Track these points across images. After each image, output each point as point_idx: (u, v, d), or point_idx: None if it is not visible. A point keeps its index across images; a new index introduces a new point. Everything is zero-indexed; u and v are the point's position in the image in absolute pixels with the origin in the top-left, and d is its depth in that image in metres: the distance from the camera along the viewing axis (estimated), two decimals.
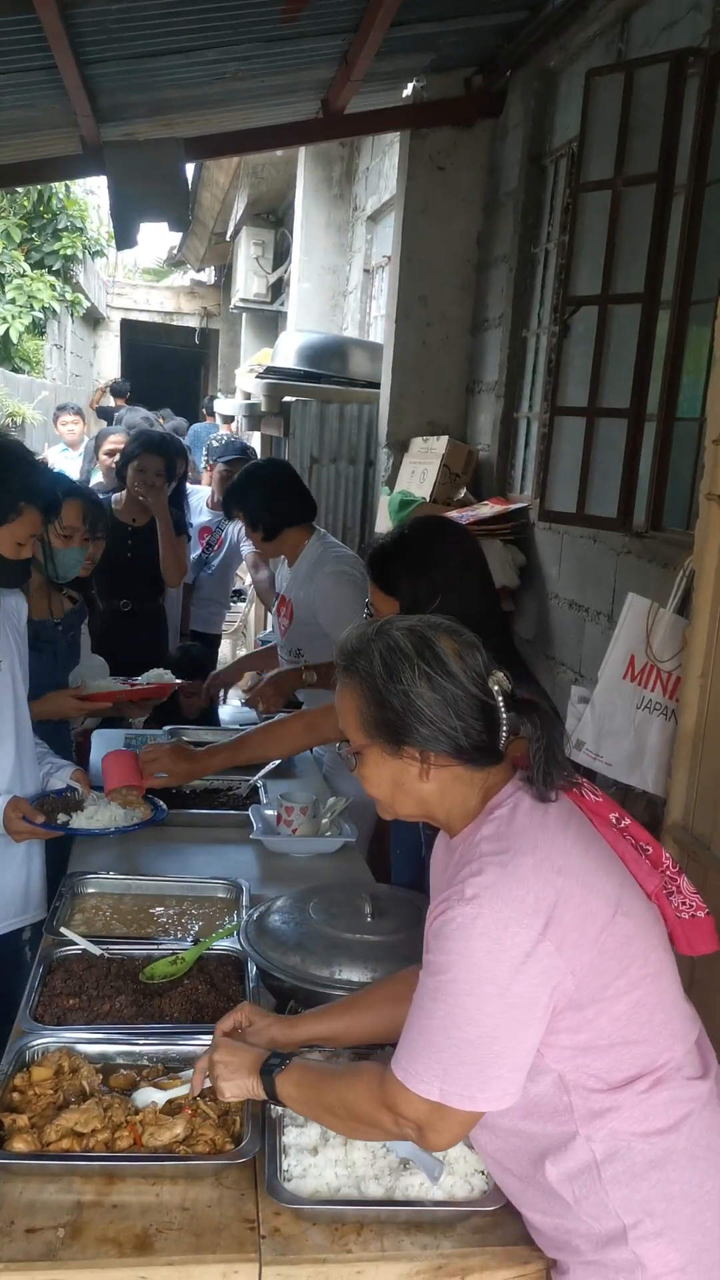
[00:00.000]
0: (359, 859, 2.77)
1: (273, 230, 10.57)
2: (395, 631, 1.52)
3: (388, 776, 1.52)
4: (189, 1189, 1.55)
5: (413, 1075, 1.39)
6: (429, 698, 1.46)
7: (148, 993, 1.99)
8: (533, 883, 1.37)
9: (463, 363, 5.09)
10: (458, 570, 2.11)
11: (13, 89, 4.05)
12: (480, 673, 1.49)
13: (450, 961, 1.37)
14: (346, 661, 1.54)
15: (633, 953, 1.43)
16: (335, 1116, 1.51)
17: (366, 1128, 1.48)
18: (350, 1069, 1.57)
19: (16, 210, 12.12)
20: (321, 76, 4.51)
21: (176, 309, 18.93)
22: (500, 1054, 1.37)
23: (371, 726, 1.50)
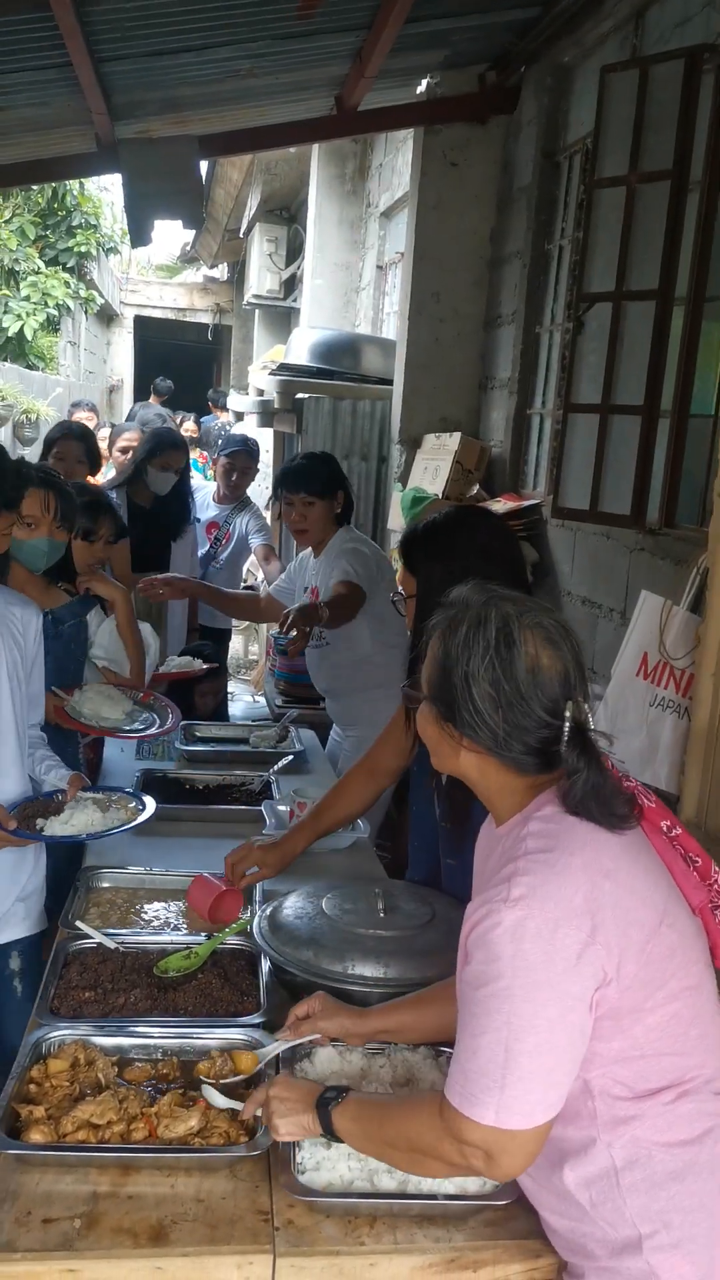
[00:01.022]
0: (371, 854, 2.78)
1: (285, 227, 10.57)
2: (494, 610, 1.45)
3: (432, 734, 1.51)
4: (204, 1181, 1.57)
5: (469, 1100, 1.33)
6: (485, 690, 1.41)
7: (162, 986, 2.01)
8: (581, 883, 1.33)
9: (475, 359, 5.09)
10: (479, 560, 2.11)
11: (27, 87, 4.07)
12: (554, 694, 1.41)
13: (501, 969, 1.31)
14: (445, 614, 1.49)
15: (675, 965, 1.39)
16: (397, 1150, 1.45)
17: (431, 1161, 1.41)
18: (410, 1099, 1.52)
19: (31, 207, 12.14)
20: (335, 73, 4.51)
21: (189, 305, 18.94)
22: (559, 1062, 1.33)
23: (431, 686, 1.48)
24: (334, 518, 3.53)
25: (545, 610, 1.48)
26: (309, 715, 4.04)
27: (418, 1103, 1.46)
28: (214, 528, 5.25)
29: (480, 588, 1.52)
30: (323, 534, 3.55)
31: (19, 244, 11.76)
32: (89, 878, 2.44)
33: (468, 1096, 1.33)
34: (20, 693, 2.47)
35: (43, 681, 2.61)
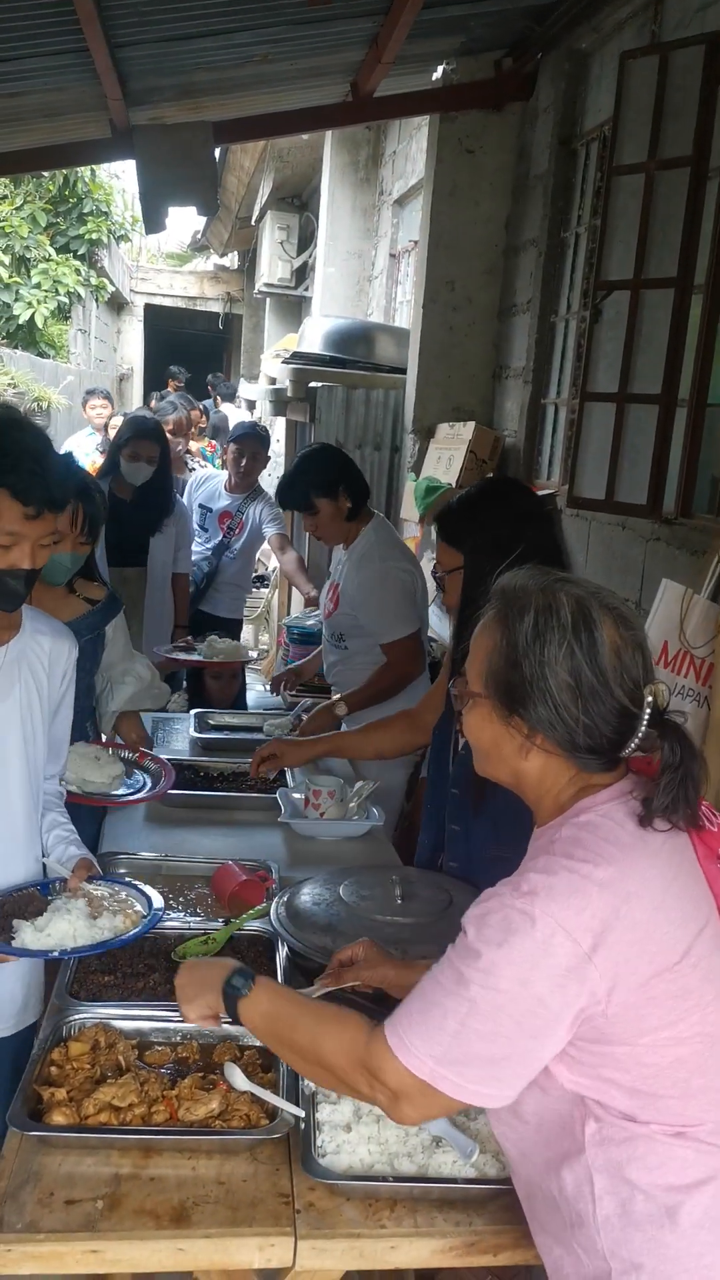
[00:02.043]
0: (385, 843, 2.79)
1: (297, 215, 10.54)
2: (562, 593, 1.35)
3: (489, 735, 1.40)
4: (224, 1163, 1.57)
5: (407, 1047, 1.30)
6: (563, 680, 1.31)
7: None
8: (596, 900, 1.25)
9: (490, 348, 5.07)
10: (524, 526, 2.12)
11: (44, 72, 4.06)
12: (636, 678, 1.32)
13: (484, 949, 1.27)
14: (501, 602, 1.39)
15: (688, 1006, 1.30)
16: (302, 1059, 1.43)
17: (334, 1081, 1.40)
18: (331, 1013, 1.45)
19: (42, 194, 12.13)
20: (351, 59, 4.50)
21: (200, 294, 18.92)
22: (508, 1056, 1.28)
23: (494, 680, 1.36)
24: (345, 515, 3.38)
25: (610, 592, 1.39)
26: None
27: (340, 1020, 1.41)
28: (226, 517, 5.24)
29: (538, 571, 1.41)
30: (340, 534, 3.44)
31: (30, 231, 11.75)
32: (107, 863, 2.44)
33: (406, 1044, 1.30)
34: (37, 745, 2.07)
35: (69, 725, 2.19)
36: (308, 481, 3.36)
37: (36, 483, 1.78)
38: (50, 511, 1.83)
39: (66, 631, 2.15)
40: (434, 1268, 1.59)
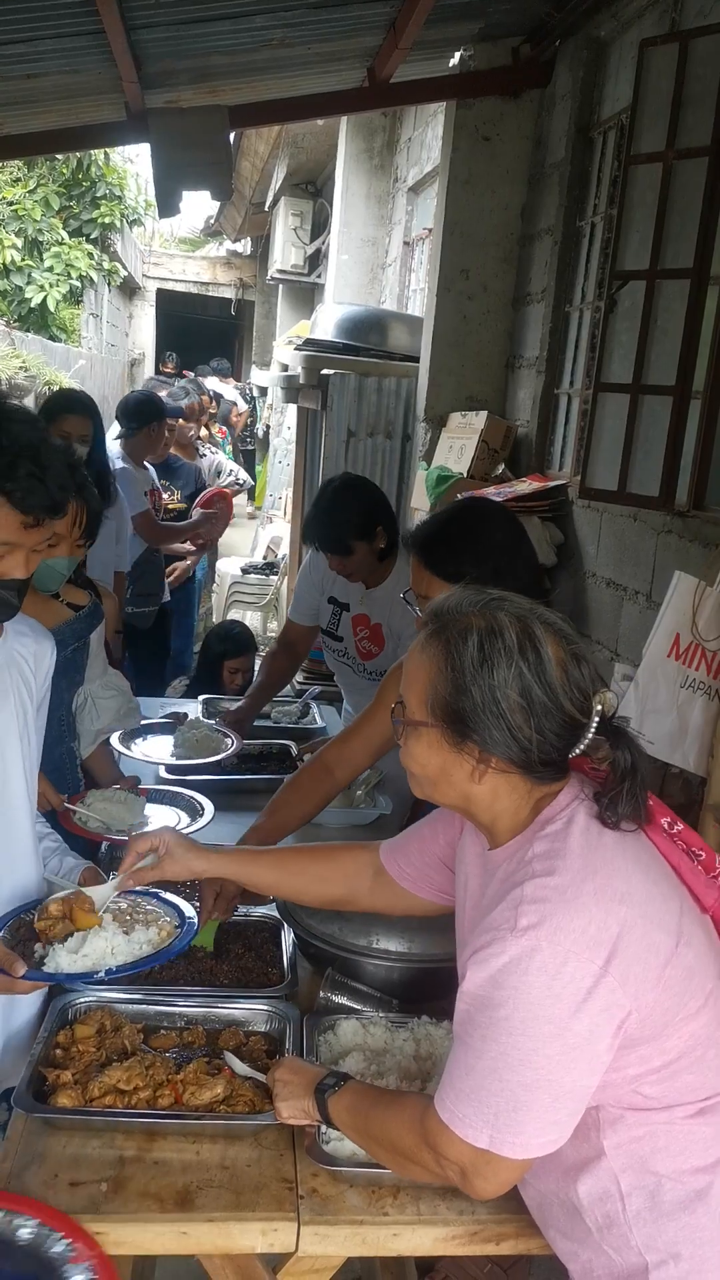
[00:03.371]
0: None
1: (311, 201, 10.49)
2: (504, 616, 1.34)
3: (436, 762, 1.37)
4: (229, 1148, 1.58)
5: (459, 1119, 1.29)
6: (514, 702, 1.30)
7: (188, 955, 2.02)
8: (594, 912, 1.25)
9: (503, 337, 5.05)
10: (510, 552, 2.09)
11: (59, 54, 4.04)
12: (584, 689, 1.33)
13: (503, 998, 1.25)
14: (439, 627, 1.37)
15: (693, 987, 1.33)
16: (381, 1148, 1.44)
17: (410, 1164, 1.39)
18: (397, 1098, 1.46)
19: (55, 177, 12.10)
20: (368, 44, 4.46)
21: (212, 279, 18.87)
22: (557, 1098, 1.26)
23: (440, 708, 1.34)
24: (378, 554, 3.16)
25: (543, 607, 1.40)
26: (330, 692, 4.04)
27: (404, 1104, 1.41)
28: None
29: (474, 591, 1.40)
30: (371, 573, 3.22)
31: (43, 214, 11.72)
32: (114, 847, 2.45)
33: (458, 1116, 1.29)
34: (33, 748, 1.94)
35: (43, 731, 2.02)
36: (345, 524, 3.09)
37: (36, 487, 1.59)
38: (50, 518, 1.65)
39: (44, 630, 2.02)
40: (435, 1256, 1.60)
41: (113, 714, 2.72)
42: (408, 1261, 2.11)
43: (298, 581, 3.55)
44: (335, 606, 3.38)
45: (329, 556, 3.17)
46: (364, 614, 3.32)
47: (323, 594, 3.41)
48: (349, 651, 3.39)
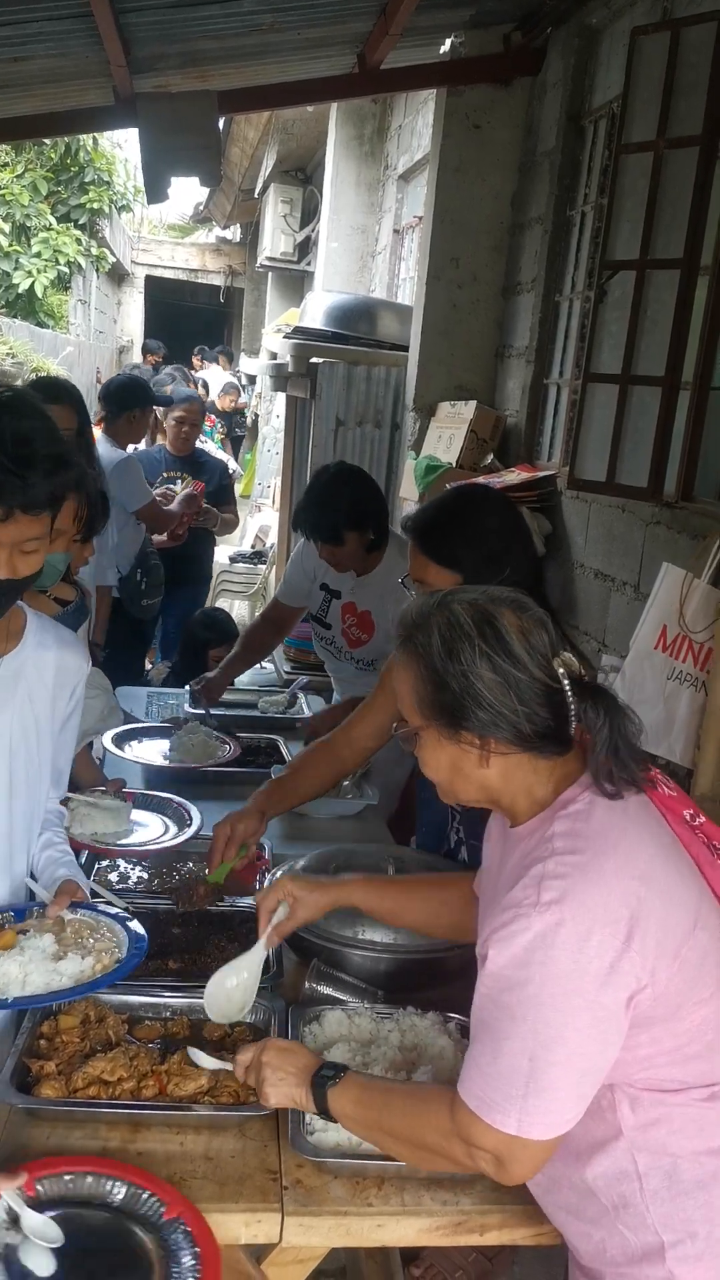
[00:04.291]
0: (380, 822, 2.79)
1: (301, 188, 10.44)
2: (456, 605, 1.41)
3: (445, 760, 1.42)
4: (213, 1139, 1.58)
5: (488, 1105, 1.30)
6: (489, 680, 1.35)
7: (173, 946, 2.02)
8: (615, 887, 1.28)
9: (493, 326, 5.03)
10: (505, 537, 2.09)
11: (45, 37, 3.99)
12: (545, 654, 1.38)
13: (529, 975, 1.26)
14: (406, 635, 1.45)
15: (705, 973, 1.35)
16: (399, 1142, 1.43)
17: (435, 1158, 1.40)
18: (416, 1091, 1.46)
19: (43, 162, 12.00)
20: (358, 30, 4.43)
21: (201, 266, 18.77)
22: (585, 1073, 1.29)
23: (428, 707, 1.40)
24: (367, 544, 3.19)
25: (498, 587, 1.46)
26: (317, 682, 4.03)
27: (426, 1097, 1.42)
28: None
29: (425, 596, 1.49)
30: (359, 562, 3.26)
31: (31, 199, 11.64)
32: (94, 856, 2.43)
33: (487, 1102, 1.30)
34: (31, 766, 1.87)
35: (73, 744, 2.00)
36: (339, 513, 3.11)
37: (11, 479, 1.51)
38: (33, 513, 1.56)
39: (76, 643, 1.95)
40: (419, 1246, 1.60)
41: (96, 714, 2.69)
42: (392, 1251, 2.12)
43: (289, 564, 3.56)
44: (326, 593, 3.39)
45: (319, 545, 3.17)
46: (352, 602, 3.33)
47: (314, 580, 3.42)
48: (336, 639, 3.39)
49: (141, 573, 4.83)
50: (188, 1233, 1.38)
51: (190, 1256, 1.36)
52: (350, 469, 3.39)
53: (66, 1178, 1.45)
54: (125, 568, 4.73)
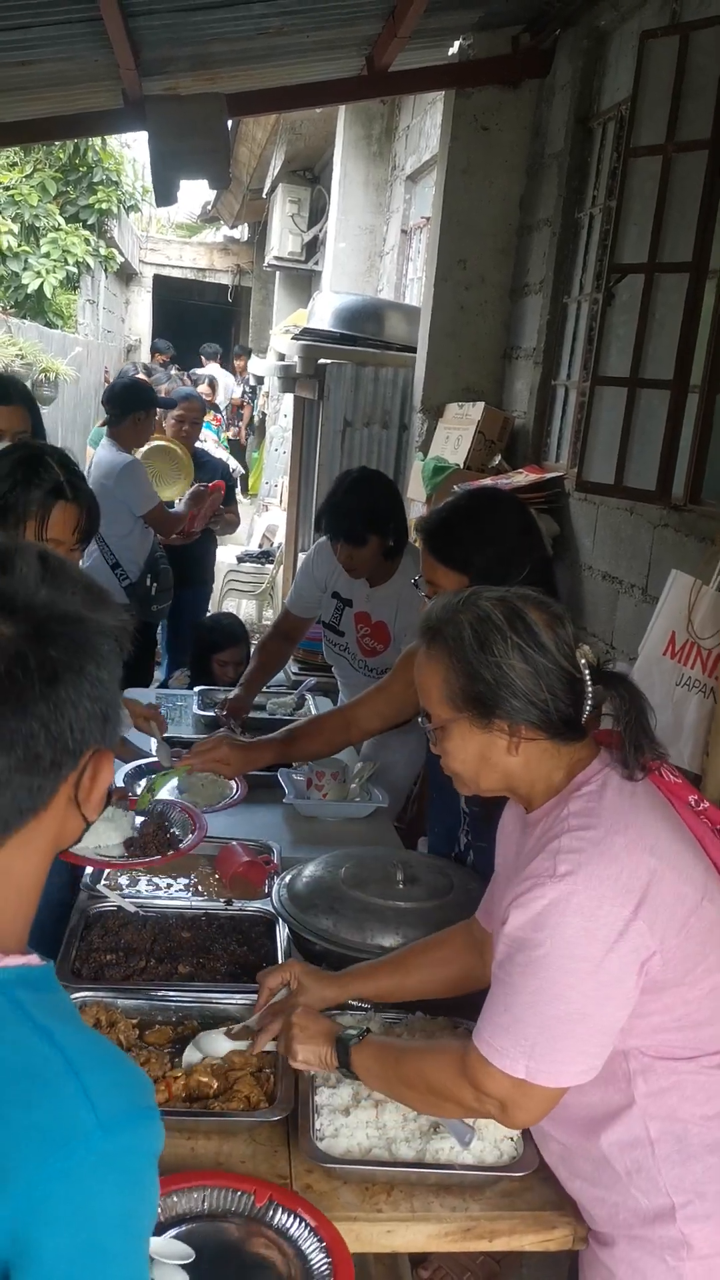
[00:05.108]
0: (388, 825, 2.80)
1: (309, 188, 10.44)
2: (484, 602, 1.49)
3: (473, 751, 1.50)
4: (223, 1144, 1.59)
5: (498, 1051, 1.39)
6: (521, 669, 1.44)
7: (183, 950, 2.03)
8: (626, 861, 1.37)
9: (501, 328, 5.03)
10: (515, 538, 2.10)
11: (55, 40, 4.01)
12: (570, 645, 1.48)
13: (542, 939, 1.36)
14: (432, 633, 1.51)
15: (716, 939, 1.43)
16: (413, 1090, 1.51)
17: (445, 1103, 1.48)
18: (430, 1045, 1.58)
19: (52, 163, 12.01)
20: (367, 33, 4.43)
21: (209, 265, 18.78)
22: (590, 1031, 1.38)
23: (460, 699, 1.47)
24: (384, 551, 3.18)
25: (515, 588, 1.55)
26: (325, 683, 4.04)
27: (440, 1048, 1.53)
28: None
29: (451, 596, 1.55)
30: (375, 572, 3.24)
31: (40, 200, 11.64)
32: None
33: (498, 1050, 1.38)
34: None
35: None
36: (366, 513, 3.12)
37: None
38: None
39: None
40: (428, 1252, 1.61)
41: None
42: (401, 1256, 2.12)
43: (299, 574, 3.56)
44: (338, 601, 3.39)
45: (338, 546, 3.17)
46: (366, 612, 3.33)
47: (325, 589, 3.41)
48: (350, 647, 3.40)
49: (151, 577, 4.83)
50: (310, 1226, 1.42)
51: (317, 1250, 1.39)
52: (377, 473, 3.43)
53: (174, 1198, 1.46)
54: (135, 573, 4.72)
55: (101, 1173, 0.81)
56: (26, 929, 0.95)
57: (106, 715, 0.91)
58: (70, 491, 2.04)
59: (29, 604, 0.86)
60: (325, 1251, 1.38)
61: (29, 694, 0.84)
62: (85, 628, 0.88)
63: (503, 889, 1.57)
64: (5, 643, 0.84)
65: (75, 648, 0.87)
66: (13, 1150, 0.79)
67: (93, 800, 0.94)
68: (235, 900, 2.21)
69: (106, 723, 0.92)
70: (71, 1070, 0.83)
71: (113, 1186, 0.82)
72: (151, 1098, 0.89)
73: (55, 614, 0.87)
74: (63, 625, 0.87)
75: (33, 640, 0.85)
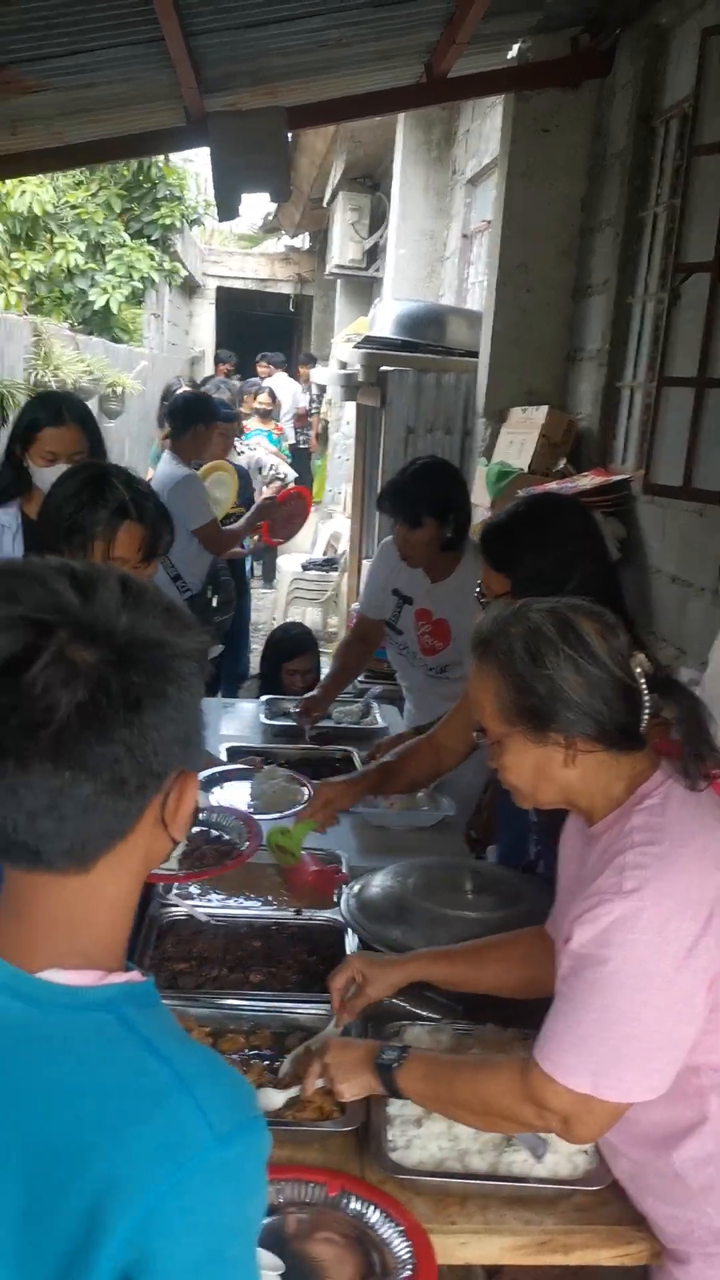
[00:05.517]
0: (456, 834, 2.79)
1: (369, 195, 10.48)
2: (535, 614, 1.48)
3: (529, 764, 1.48)
4: (295, 1153, 1.60)
5: (563, 1067, 1.37)
6: (575, 681, 1.42)
7: (254, 958, 2.05)
8: (693, 875, 1.36)
9: (563, 330, 4.99)
10: (572, 545, 2.08)
11: (118, 63, 4.08)
12: (624, 654, 1.46)
13: (609, 955, 1.35)
14: (483, 647, 1.50)
15: None
16: (469, 1111, 1.50)
17: (504, 1121, 1.47)
18: (482, 1061, 1.56)
19: (117, 180, 12.22)
20: (425, 40, 4.44)
21: (271, 275, 18.93)
22: (660, 1048, 1.36)
23: (514, 713, 1.46)
24: (441, 542, 3.16)
25: (566, 598, 1.52)
26: (391, 691, 4.04)
27: (495, 1065, 1.49)
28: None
29: (500, 608, 1.54)
30: (429, 559, 3.21)
31: (105, 217, 11.85)
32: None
33: (563, 1066, 1.36)
34: None
35: None
36: (426, 495, 3.12)
37: None
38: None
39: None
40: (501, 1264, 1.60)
41: None
42: (474, 1268, 2.11)
43: (367, 575, 3.60)
44: (398, 599, 3.40)
45: (395, 527, 3.18)
46: (426, 609, 3.32)
47: (387, 586, 3.42)
48: (410, 645, 3.40)
49: (212, 589, 4.84)
50: (384, 1212, 1.43)
51: (397, 1236, 1.40)
52: (444, 462, 3.42)
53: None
54: (196, 585, 4.72)
55: (218, 1183, 0.83)
56: (124, 946, 0.97)
57: (189, 738, 0.92)
58: (135, 511, 2.05)
59: (110, 630, 0.87)
60: (404, 1236, 1.39)
61: (113, 720, 0.85)
62: (166, 652, 0.89)
63: (566, 904, 1.56)
64: (88, 669, 0.85)
65: (157, 672, 0.88)
66: (131, 1165, 0.81)
67: (179, 821, 0.96)
68: (304, 909, 2.22)
69: (189, 745, 0.93)
70: (183, 1085, 0.85)
71: (229, 1196, 0.84)
72: (257, 1106, 0.91)
73: (137, 639, 0.88)
74: (144, 650, 0.88)
75: (115, 666, 0.86)
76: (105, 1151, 0.81)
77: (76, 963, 0.91)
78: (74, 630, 0.85)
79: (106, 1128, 0.82)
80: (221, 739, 3.25)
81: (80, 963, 0.91)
